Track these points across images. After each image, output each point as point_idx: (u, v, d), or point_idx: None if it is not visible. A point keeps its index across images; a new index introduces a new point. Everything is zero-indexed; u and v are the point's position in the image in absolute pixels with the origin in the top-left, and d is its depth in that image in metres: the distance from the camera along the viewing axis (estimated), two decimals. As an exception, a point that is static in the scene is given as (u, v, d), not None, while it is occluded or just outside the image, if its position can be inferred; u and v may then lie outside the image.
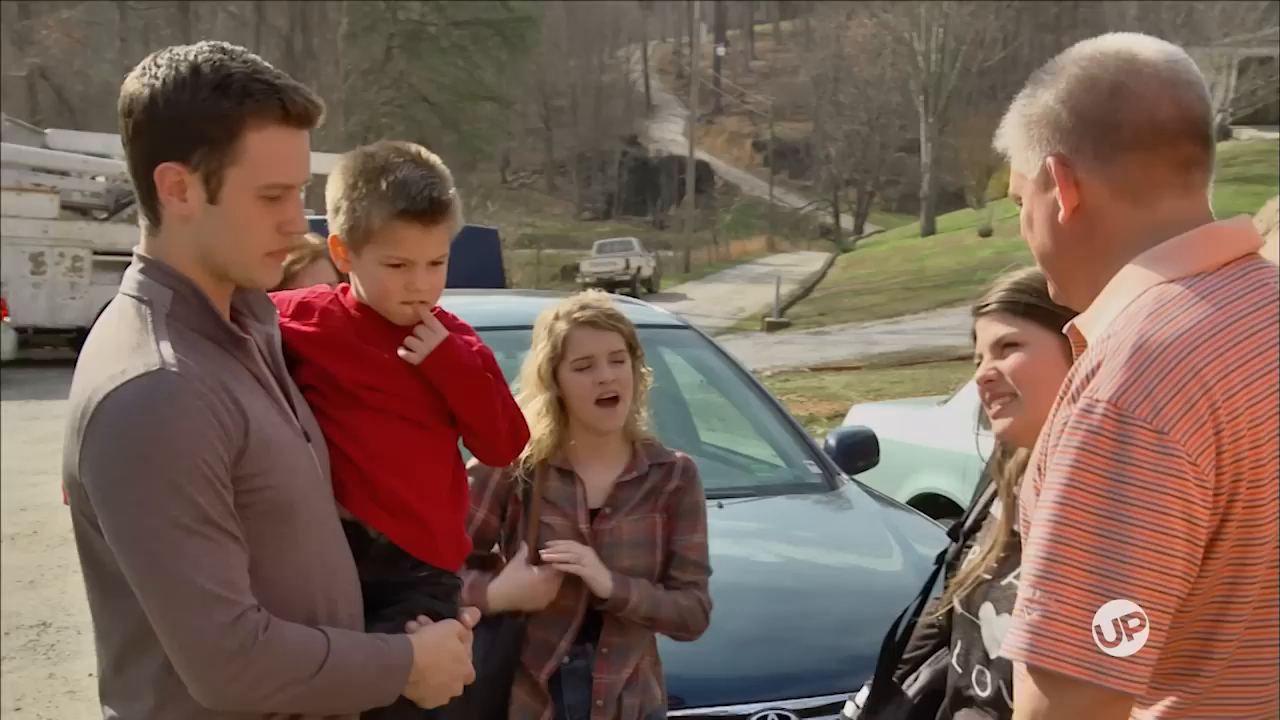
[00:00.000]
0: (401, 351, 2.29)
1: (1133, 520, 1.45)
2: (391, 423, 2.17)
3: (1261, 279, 1.58)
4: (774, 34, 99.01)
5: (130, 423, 1.78)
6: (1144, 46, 1.65)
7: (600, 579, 2.88)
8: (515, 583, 2.91)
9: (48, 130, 24.64)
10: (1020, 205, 1.75)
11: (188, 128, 1.84)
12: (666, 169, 75.88)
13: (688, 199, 57.33)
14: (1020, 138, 1.71)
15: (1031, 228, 1.72)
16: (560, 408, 2.99)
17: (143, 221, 1.91)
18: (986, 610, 2.25)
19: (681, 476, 3.04)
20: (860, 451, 4.89)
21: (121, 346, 1.84)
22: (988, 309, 2.26)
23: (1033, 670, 1.50)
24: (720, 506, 4.09)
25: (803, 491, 4.65)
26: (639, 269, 43.30)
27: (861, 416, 7.22)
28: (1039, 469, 1.60)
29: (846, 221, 69.83)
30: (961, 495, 6.40)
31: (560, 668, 2.92)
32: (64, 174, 21.52)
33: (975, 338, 2.34)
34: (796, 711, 3.35)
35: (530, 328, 3.05)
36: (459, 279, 6.93)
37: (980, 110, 61.45)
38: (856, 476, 4.79)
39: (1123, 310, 1.58)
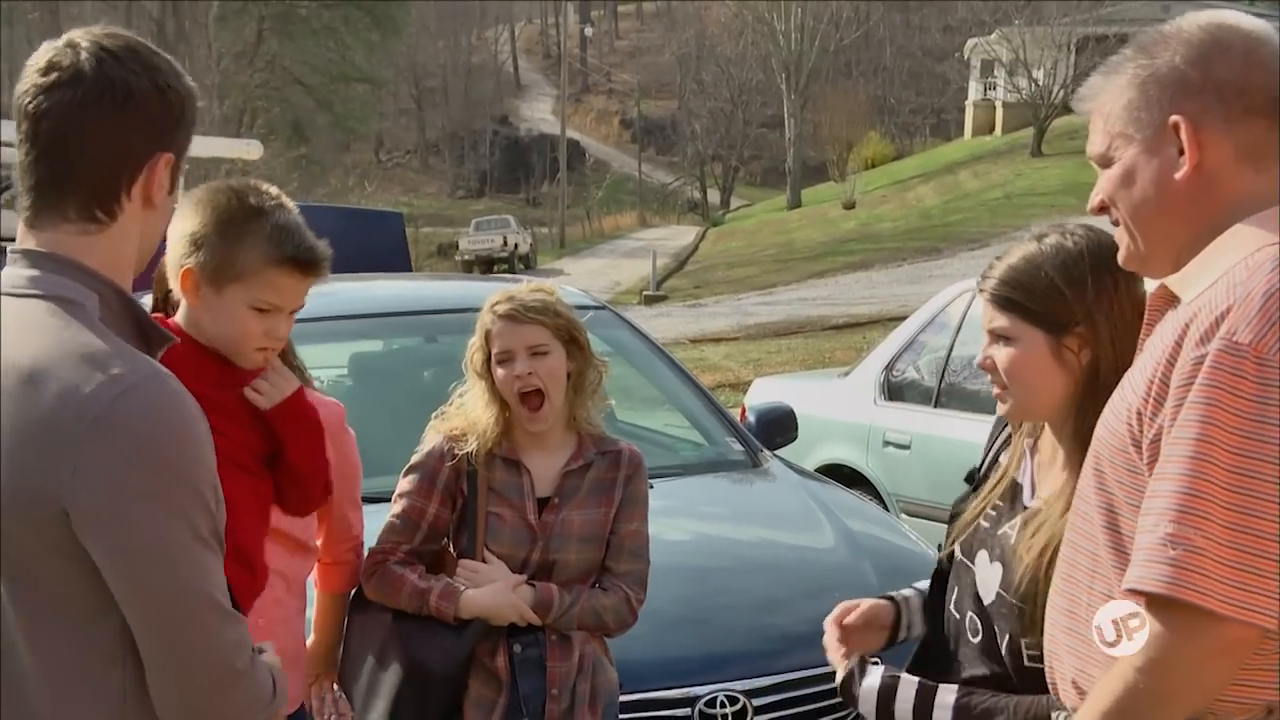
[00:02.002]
0: (250, 395, 2.26)
1: (1274, 459, 1.48)
2: (224, 466, 2.06)
3: None
4: (637, 14, 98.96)
5: (151, 429, 1.61)
6: (1258, 22, 1.70)
7: (509, 612, 2.81)
8: (496, 603, 2.82)
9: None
10: (1104, 166, 1.77)
11: (186, 114, 1.77)
12: (538, 147, 75.51)
13: (560, 176, 57.25)
14: (1133, 98, 1.72)
15: (1129, 185, 1.74)
16: (501, 396, 2.90)
17: (69, 222, 1.70)
18: (981, 557, 2.25)
19: (629, 465, 2.97)
20: (780, 427, 4.86)
21: (91, 349, 1.64)
22: (982, 291, 2.22)
23: (1171, 604, 1.51)
24: (650, 486, 4.01)
25: (727, 469, 4.60)
26: (516, 245, 43.11)
27: (764, 390, 7.21)
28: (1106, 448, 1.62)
29: (714, 196, 70.21)
30: (864, 465, 6.43)
31: (513, 657, 2.84)
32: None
33: None
34: (744, 692, 3.30)
35: (447, 312, 2.97)
36: (365, 263, 6.78)
37: (838, 87, 62.36)
38: (779, 451, 4.75)
39: (1238, 264, 1.61)
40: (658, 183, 75.75)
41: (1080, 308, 2.10)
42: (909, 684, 2.21)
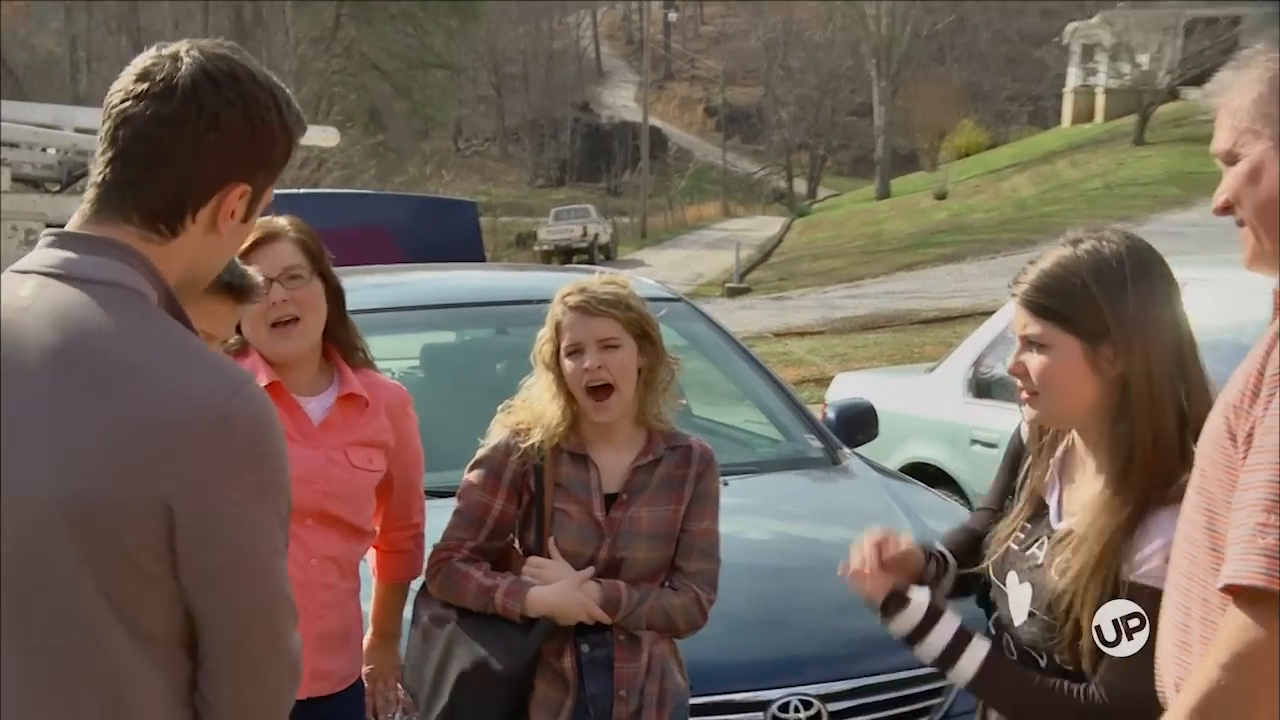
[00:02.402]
0: None
1: None
2: None
3: None
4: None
5: (263, 429, 1.65)
6: None
7: (576, 610, 2.81)
8: (564, 600, 2.81)
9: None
10: (1230, 163, 1.76)
11: (275, 150, 1.77)
12: (619, 135, 75.69)
13: (642, 165, 57.26)
14: (1262, 93, 1.72)
15: (1255, 182, 1.73)
16: (568, 390, 2.90)
17: (131, 225, 1.70)
18: (1011, 578, 2.25)
19: (699, 461, 2.96)
20: (860, 424, 4.82)
21: (187, 344, 1.67)
22: (1015, 296, 2.21)
23: (1261, 596, 1.50)
24: (725, 484, 4.00)
25: (805, 466, 4.58)
26: (596, 236, 43.23)
27: (847, 386, 7.15)
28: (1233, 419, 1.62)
29: (800, 186, 69.91)
30: (950, 465, 6.35)
31: (580, 657, 2.84)
32: (14, 146, 21.10)
33: None
34: (819, 696, 3.28)
35: (512, 303, 2.98)
36: (438, 253, 6.80)
37: (930, 73, 61.72)
38: (859, 449, 4.71)
39: None
40: (742, 172, 75.55)
41: (1115, 317, 2.08)
42: (950, 621, 2.24)
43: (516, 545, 2.96)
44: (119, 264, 1.68)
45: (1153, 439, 2.04)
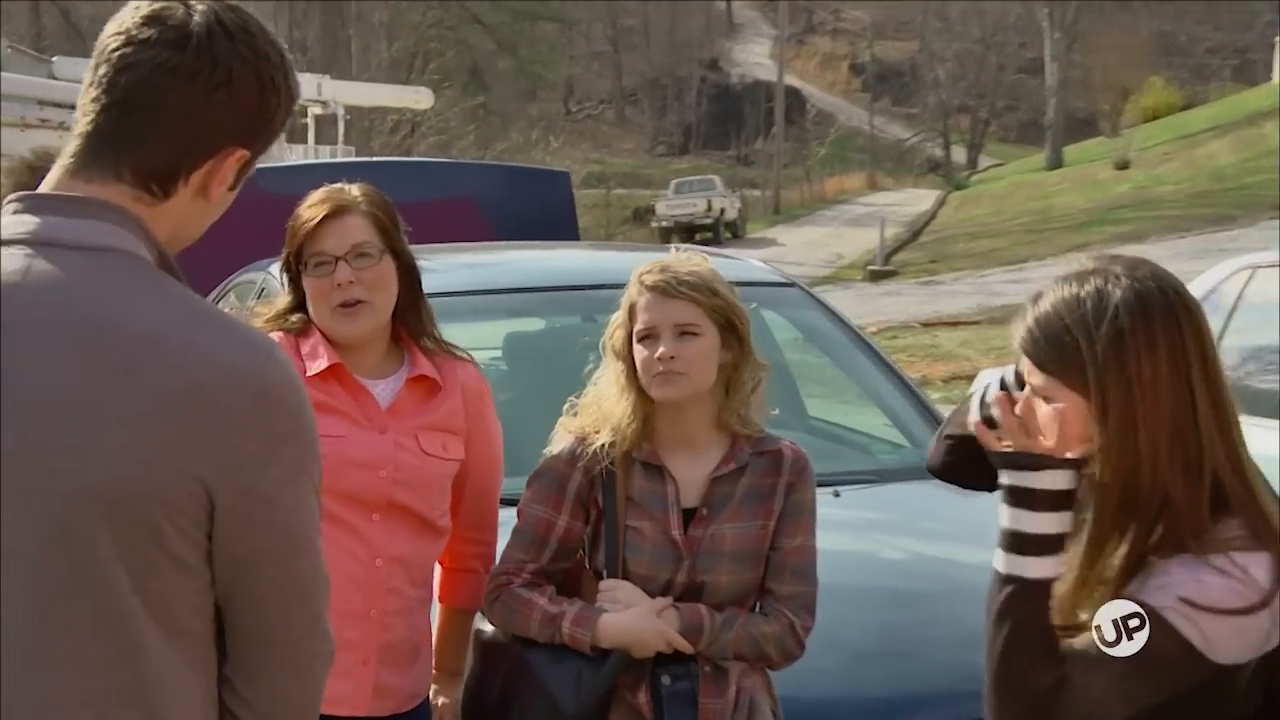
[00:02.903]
0: None
1: None
2: None
3: None
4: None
5: (298, 400, 1.70)
6: None
7: (654, 639, 2.80)
8: (639, 628, 2.81)
9: (54, 58, 24.94)
10: None
11: (278, 116, 1.80)
12: (751, 96, 75.52)
13: (776, 131, 57.09)
14: None
15: None
16: (641, 384, 2.88)
17: (123, 183, 1.72)
18: None
19: (792, 469, 2.93)
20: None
21: (207, 312, 1.71)
22: (1013, 339, 2.19)
23: None
24: (837, 495, 3.99)
25: (931, 476, 4.51)
26: (722, 211, 43.26)
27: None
28: None
29: (958, 154, 69.16)
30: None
31: (660, 691, 2.83)
32: (73, 107, 21.68)
33: None
34: (934, 739, 3.25)
35: (608, 287, 2.98)
36: (526, 229, 6.84)
37: (1114, 22, 60.57)
38: (994, 458, 4.65)
39: None
40: (892, 138, 75.01)
41: (1095, 377, 2.05)
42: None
43: (588, 567, 2.96)
44: (115, 227, 1.69)
45: (1162, 500, 2.02)
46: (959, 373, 13.98)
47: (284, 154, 21.63)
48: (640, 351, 2.85)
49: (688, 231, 42.17)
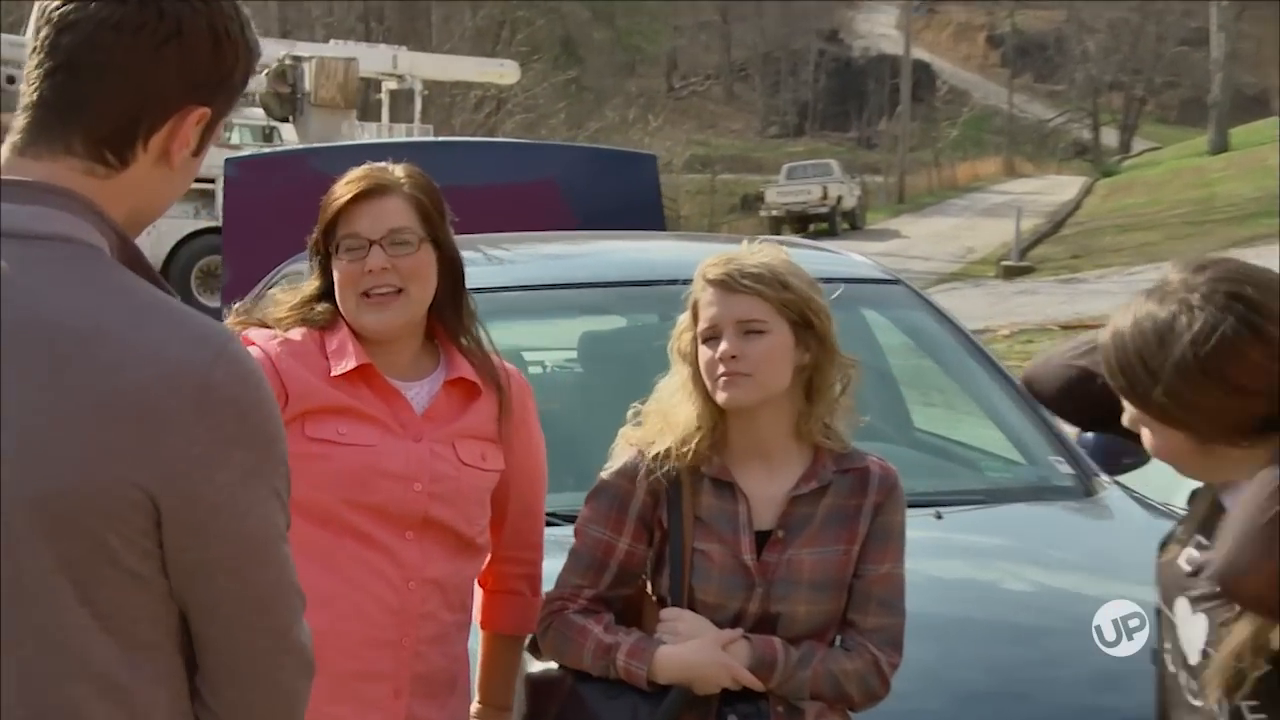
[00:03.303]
0: None
1: None
2: None
3: None
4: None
5: (253, 397, 1.71)
6: None
7: (718, 674, 2.79)
8: (701, 660, 2.80)
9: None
10: None
11: (237, 71, 1.83)
12: (875, 72, 75.29)
13: (902, 110, 56.70)
14: None
15: None
16: (705, 389, 2.87)
17: (74, 156, 1.75)
18: (1180, 606, 2.27)
19: (879, 488, 2.91)
20: (1126, 445, 4.68)
21: (156, 304, 1.72)
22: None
23: None
24: (939, 517, 3.99)
25: (1049, 497, 4.47)
26: (839, 199, 43.05)
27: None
28: None
29: (1109, 136, 68.39)
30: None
31: (729, 733, 2.85)
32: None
33: None
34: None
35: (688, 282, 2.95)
36: (610, 216, 6.88)
37: (1289, -11, 59.53)
38: (1120, 478, 4.60)
39: None
40: (1033, 119, 74.33)
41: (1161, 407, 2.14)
42: None
43: (651, 593, 2.96)
44: (60, 213, 1.71)
45: None
46: (1100, 381, 13.83)
47: (357, 132, 21.91)
48: (704, 353, 2.84)
49: (800, 222, 42.01)
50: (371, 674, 2.85)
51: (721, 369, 2.81)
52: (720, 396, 2.83)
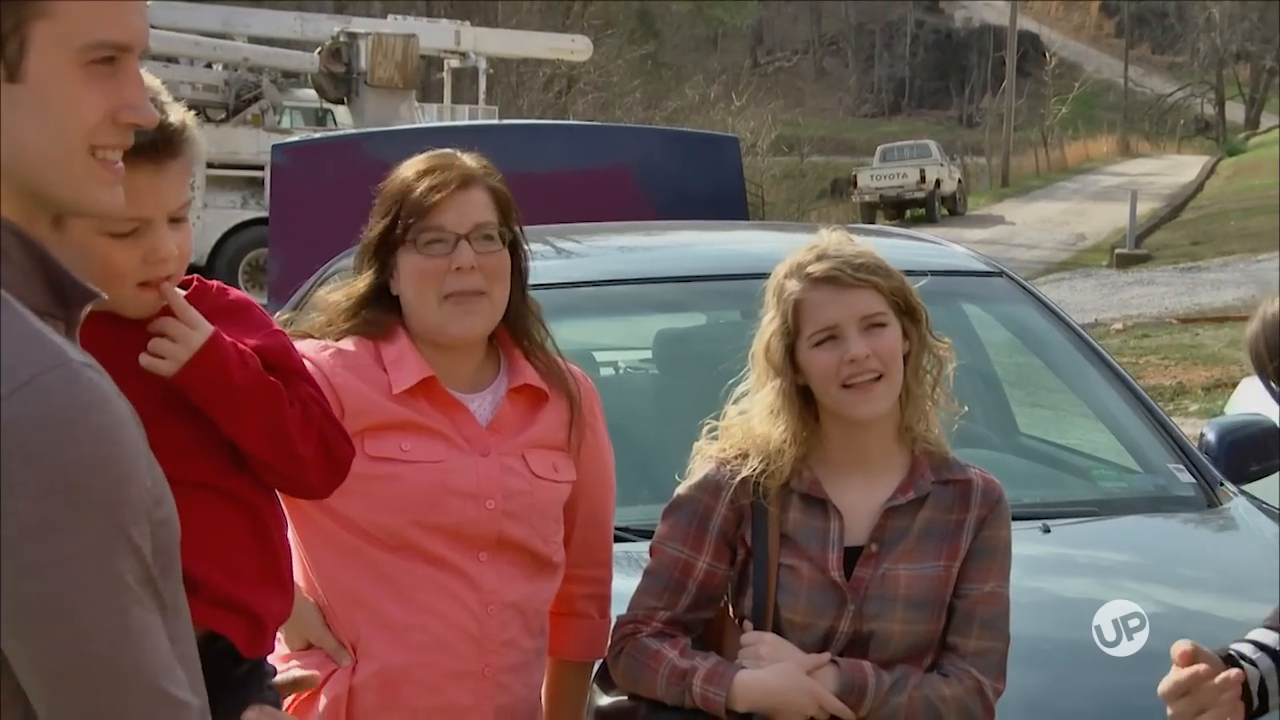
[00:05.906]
0: (147, 362, 2.22)
1: None
2: None
3: None
4: None
5: (52, 440, 1.56)
6: None
7: (803, 701, 2.77)
8: (784, 685, 2.78)
9: (147, 2, 25.78)
10: None
11: None
12: (979, 44, 74.96)
13: (1007, 85, 56.36)
14: None
15: None
16: (804, 402, 2.87)
17: None
18: None
19: (983, 501, 2.90)
20: (1255, 450, 4.62)
21: None
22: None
23: None
24: (1046, 530, 3.98)
25: (1168, 508, 4.44)
26: (938, 182, 42.95)
27: (1255, 395, 6.90)
28: None
29: (1234, 112, 67.70)
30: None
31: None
32: (171, 61, 22.32)
33: None
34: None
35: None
36: (689, 204, 6.90)
37: None
38: (1248, 487, 4.55)
39: None
40: (1151, 94, 73.79)
41: None
42: None
43: (732, 616, 2.96)
44: None
45: None
46: (1224, 379, 13.68)
47: (416, 115, 22.03)
48: (822, 358, 2.83)
49: (896, 208, 41.99)
50: (454, 709, 2.86)
51: (849, 372, 2.81)
52: (858, 410, 2.84)
